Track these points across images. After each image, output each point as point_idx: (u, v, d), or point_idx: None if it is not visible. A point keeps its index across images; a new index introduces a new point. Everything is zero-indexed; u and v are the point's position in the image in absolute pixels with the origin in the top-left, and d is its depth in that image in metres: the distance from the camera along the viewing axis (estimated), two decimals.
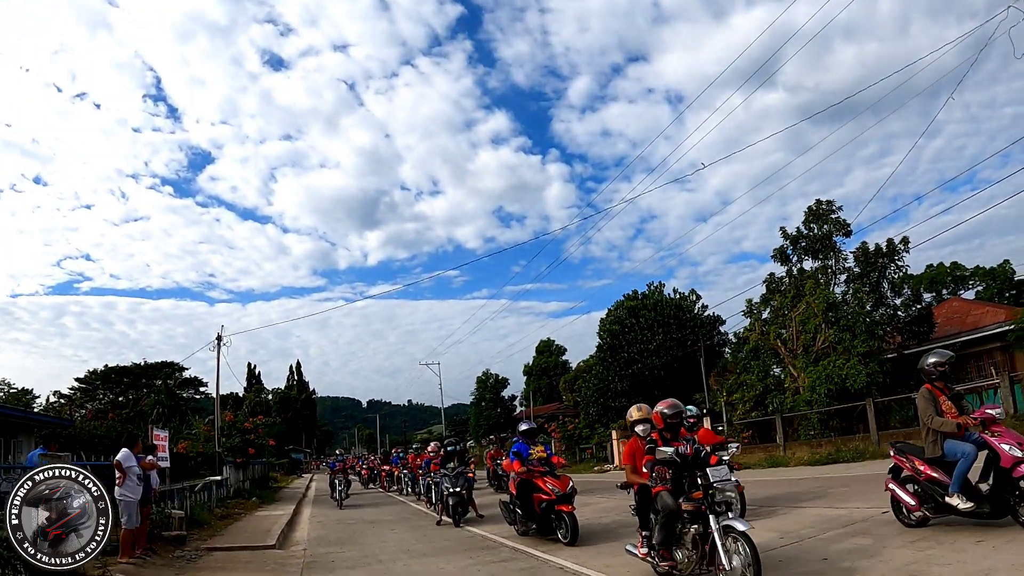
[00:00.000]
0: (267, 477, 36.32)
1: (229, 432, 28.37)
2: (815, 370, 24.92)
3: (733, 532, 5.60)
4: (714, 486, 5.90)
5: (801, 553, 7.35)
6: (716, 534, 5.69)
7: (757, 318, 29.93)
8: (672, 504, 6.29)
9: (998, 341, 25.33)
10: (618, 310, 42.82)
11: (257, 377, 78.22)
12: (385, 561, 10.12)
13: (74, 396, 51.05)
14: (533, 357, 70.70)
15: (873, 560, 6.54)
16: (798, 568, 6.66)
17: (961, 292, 46.01)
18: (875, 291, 27.33)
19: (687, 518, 6.14)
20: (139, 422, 25.17)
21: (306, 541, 13.50)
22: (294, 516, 18.65)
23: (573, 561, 8.46)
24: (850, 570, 6.30)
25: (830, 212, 28.71)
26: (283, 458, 56.76)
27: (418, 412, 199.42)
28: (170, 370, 53.88)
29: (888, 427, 21.41)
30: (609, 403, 39.75)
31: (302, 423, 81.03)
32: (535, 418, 53.02)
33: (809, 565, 6.74)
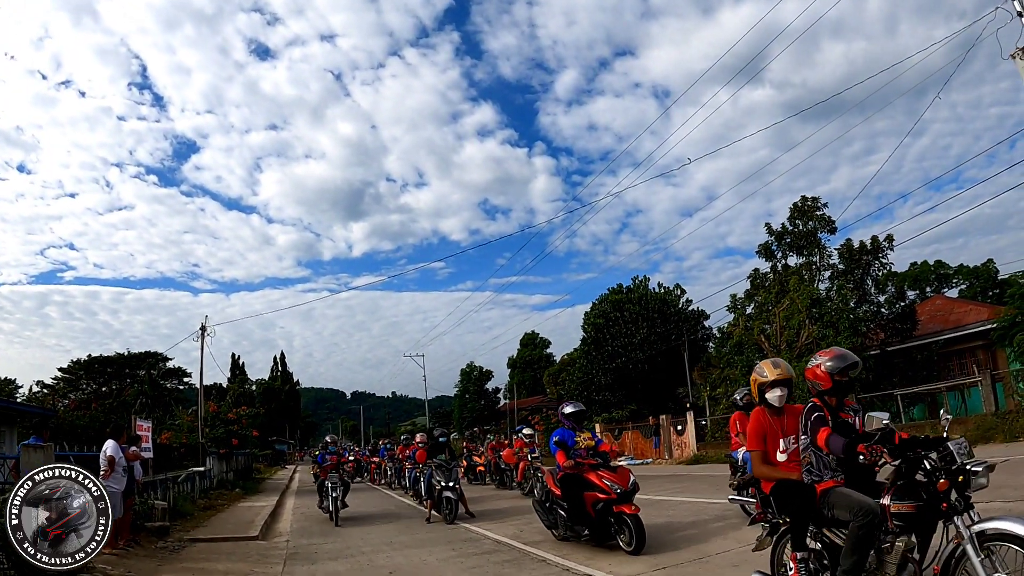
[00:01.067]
0: (250, 468, 36.17)
1: (213, 423, 28.27)
2: (799, 366, 24.98)
3: (1001, 538, 3.62)
4: (967, 468, 3.79)
5: None
6: (970, 547, 3.67)
7: (741, 313, 30.10)
8: (873, 505, 4.12)
9: (980, 339, 25.60)
10: (603, 303, 42.96)
11: (241, 368, 77.82)
12: (368, 553, 10.13)
13: (57, 386, 50.70)
14: (517, 350, 70.81)
15: None
16: None
17: (944, 290, 46.46)
18: (859, 288, 27.58)
19: (897, 528, 4.07)
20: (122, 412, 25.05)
21: (289, 532, 13.48)
22: (277, 507, 18.61)
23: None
24: None
25: (815, 209, 28.92)
26: (266, 449, 56.54)
27: (402, 404, 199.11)
28: (153, 360, 53.59)
29: None
30: (593, 396, 39.91)
31: (286, 414, 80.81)
32: (519, 411, 53.22)
33: None
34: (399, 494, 21.66)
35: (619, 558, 7.79)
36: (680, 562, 7.31)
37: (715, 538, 8.45)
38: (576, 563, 7.79)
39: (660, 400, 36.34)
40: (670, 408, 34.92)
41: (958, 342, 26.63)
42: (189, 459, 21.18)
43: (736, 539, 8.16)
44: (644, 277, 43.83)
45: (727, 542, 8.07)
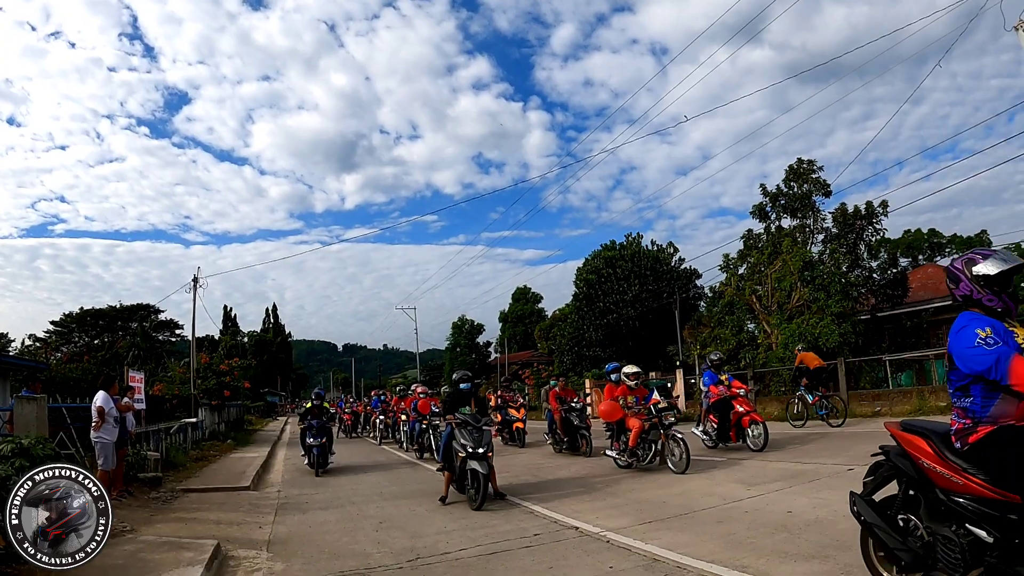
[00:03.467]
0: (242, 420, 36.47)
1: (205, 374, 28.37)
2: (789, 327, 25.24)
3: None
4: None
5: (766, 505, 7.58)
6: None
7: (733, 273, 30.13)
8: None
9: None
10: (595, 260, 42.95)
11: (233, 320, 77.88)
12: (358, 502, 10.29)
13: (49, 339, 50.71)
14: (509, 304, 71.16)
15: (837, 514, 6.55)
16: (763, 519, 6.86)
17: (937, 259, 46.64)
18: (852, 252, 27.59)
19: None
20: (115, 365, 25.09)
21: (280, 483, 13.64)
22: (268, 458, 18.79)
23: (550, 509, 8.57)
24: (813, 522, 6.50)
25: (811, 171, 28.75)
26: (258, 401, 56.96)
27: (393, 357, 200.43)
28: (146, 313, 53.59)
29: (858, 387, 21.82)
30: (584, 352, 40.18)
31: (277, 366, 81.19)
32: (509, 365, 53.61)
33: (773, 516, 6.95)
34: (391, 447, 21.43)
35: (607, 512, 7.92)
36: (666, 516, 7.46)
37: (700, 495, 8.61)
38: (563, 515, 7.93)
39: (651, 357, 36.58)
40: (660, 366, 35.22)
41: (948, 311, 26.69)
42: (181, 410, 21.32)
43: (721, 496, 8.36)
44: (637, 234, 43.79)
45: (711, 499, 8.24)
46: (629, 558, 5.91)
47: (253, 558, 6.88)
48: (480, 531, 7.52)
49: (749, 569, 5.22)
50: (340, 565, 6.36)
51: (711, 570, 5.28)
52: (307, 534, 8.06)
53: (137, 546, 7.09)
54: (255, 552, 7.14)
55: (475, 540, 7.05)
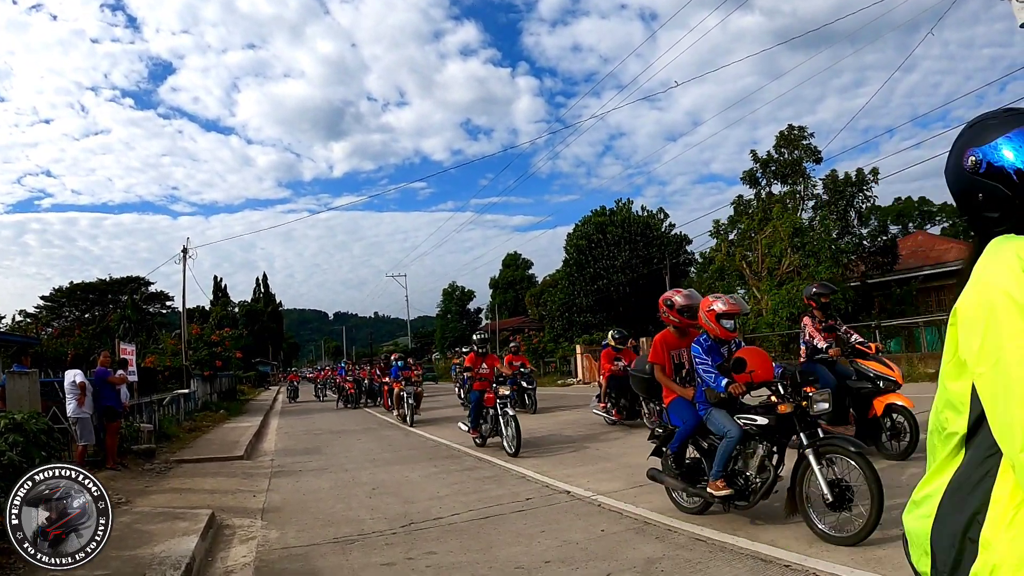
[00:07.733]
0: (234, 390, 36.53)
1: (196, 345, 28.31)
2: (779, 293, 25.37)
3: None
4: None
5: None
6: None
7: (724, 239, 30.19)
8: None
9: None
10: (585, 225, 42.90)
11: (223, 290, 77.57)
12: (351, 469, 10.38)
13: (40, 314, 50.33)
14: (499, 270, 71.00)
15: None
16: None
17: (927, 227, 46.78)
18: (842, 219, 27.68)
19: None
20: (106, 338, 24.96)
21: (273, 452, 13.70)
22: (261, 428, 18.84)
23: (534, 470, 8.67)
24: None
25: (801, 138, 28.71)
26: (250, 371, 56.93)
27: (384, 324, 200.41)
28: (136, 285, 53.23)
29: None
30: (574, 318, 40.30)
31: (269, 336, 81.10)
32: (500, 331, 53.73)
33: None
34: (380, 412, 21.93)
35: (597, 476, 7.99)
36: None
37: None
38: (555, 479, 8.01)
39: (641, 323, 36.69)
40: (650, 331, 35.32)
41: (937, 279, 26.92)
42: (173, 382, 21.32)
43: None
44: (627, 200, 43.71)
45: None
46: (620, 521, 6.00)
47: (248, 526, 6.95)
48: (473, 496, 7.60)
49: (740, 532, 5.31)
50: (334, 532, 6.43)
51: (702, 533, 5.36)
52: (301, 501, 8.13)
53: (132, 517, 7.12)
54: (250, 520, 7.20)
55: (468, 505, 7.13)
